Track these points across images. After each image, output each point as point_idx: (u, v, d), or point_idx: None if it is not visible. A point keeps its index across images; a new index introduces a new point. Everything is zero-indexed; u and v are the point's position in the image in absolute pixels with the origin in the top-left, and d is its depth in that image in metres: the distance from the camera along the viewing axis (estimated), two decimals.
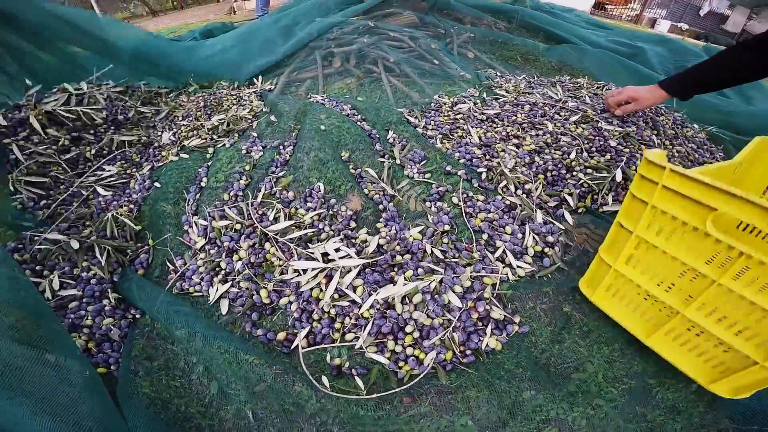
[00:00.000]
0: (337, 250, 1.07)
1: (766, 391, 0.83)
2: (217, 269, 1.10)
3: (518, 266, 1.05)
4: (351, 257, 1.05)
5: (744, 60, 1.19)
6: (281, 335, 0.97)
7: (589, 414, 0.87)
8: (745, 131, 2.04)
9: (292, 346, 0.95)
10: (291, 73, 1.98)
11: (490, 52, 2.54)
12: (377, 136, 1.50)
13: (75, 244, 1.08)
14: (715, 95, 2.27)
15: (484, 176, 1.29)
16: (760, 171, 1.14)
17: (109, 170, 1.44)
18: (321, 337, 0.97)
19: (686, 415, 0.88)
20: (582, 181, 1.29)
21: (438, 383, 0.91)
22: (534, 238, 1.11)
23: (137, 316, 1.02)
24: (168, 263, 1.12)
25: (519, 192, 1.24)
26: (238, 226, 1.15)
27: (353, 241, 1.12)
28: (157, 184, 1.33)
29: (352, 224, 1.16)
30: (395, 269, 1.06)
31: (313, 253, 1.07)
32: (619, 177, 1.28)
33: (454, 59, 2.25)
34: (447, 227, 1.13)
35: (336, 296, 1.00)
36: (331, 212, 1.19)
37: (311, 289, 1.02)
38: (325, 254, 1.07)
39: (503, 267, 1.05)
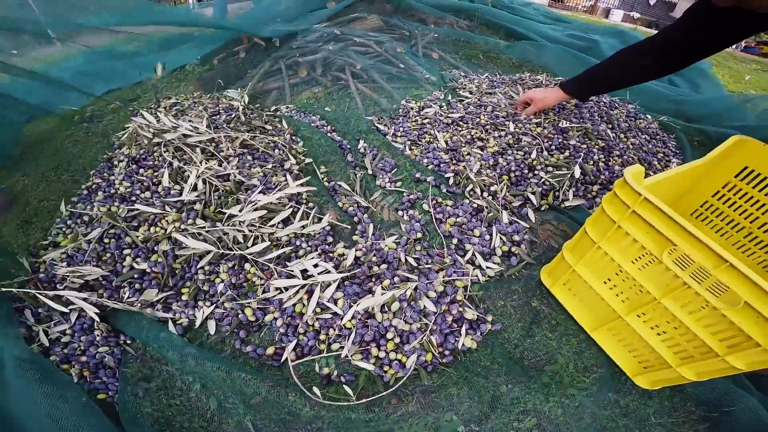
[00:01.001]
0: (316, 265, 1.11)
1: (721, 380, 0.95)
2: (199, 292, 1.12)
3: (487, 267, 1.12)
4: (329, 272, 1.09)
5: (631, 64, 1.29)
6: (270, 350, 1.01)
7: (565, 403, 0.94)
8: (695, 119, 2.17)
9: (282, 360, 0.99)
10: (256, 84, 1.98)
11: (454, 52, 2.60)
12: (348, 146, 1.53)
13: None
14: (666, 86, 2.41)
15: (451, 181, 1.35)
16: (726, 168, 1.23)
17: None
18: (308, 349, 1.01)
19: (657, 399, 0.96)
20: (544, 179, 1.36)
21: (422, 383, 0.97)
22: (501, 238, 1.18)
23: (128, 341, 1.03)
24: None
25: (485, 194, 1.31)
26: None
27: (331, 255, 1.15)
28: None
29: (329, 239, 1.19)
30: (373, 279, 1.10)
31: (292, 271, 1.10)
32: (577, 173, 1.37)
33: (419, 61, 2.29)
34: (419, 234, 1.18)
35: (318, 310, 1.04)
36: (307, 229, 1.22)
37: (294, 304, 1.05)
38: (304, 270, 1.11)
39: (473, 269, 1.11)
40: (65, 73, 2.04)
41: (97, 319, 1.01)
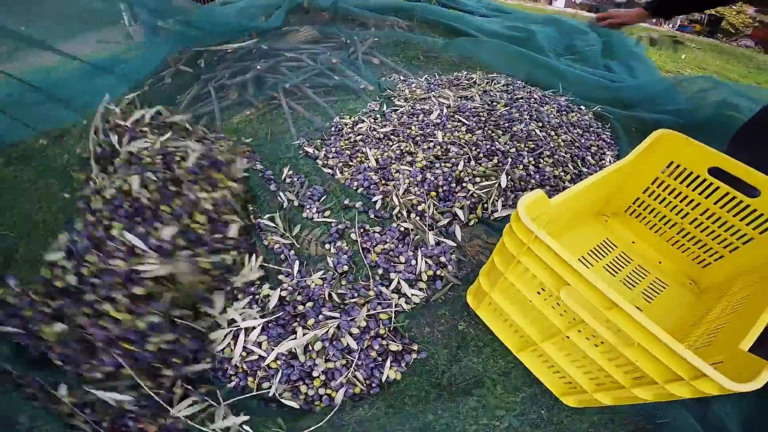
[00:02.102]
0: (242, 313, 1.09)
1: None
2: None
3: (413, 294, 1.12)
4: (254, 318, 1.08)
5: None
6: (203, 389, 1.00)
7: (494, 425, 0.95)
8: (632, 104, 2.21)
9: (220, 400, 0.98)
10: (184, 111, 1.90)
11: (395, 55, 2.56)
12: (273, 177, 1.48)
13: None
14: (602, 72, 2.44)
15: (378, 205, 1.33)
16: (652, 163, 1.24)
17: None
18: (241, 390, 1.02)
19: (591, 414, 0.98)
20: (472, 191, 1.36)
21: (359, 414, 0.97)
22: (426, 262, 1.17)
23: None
24: None
25: (412, 215, 1.30)
26: None
27: (257, 297, 1.14)
28: None
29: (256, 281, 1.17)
30: (298, 319, 1.09)
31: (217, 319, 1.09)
32: (504, 183, 1.37)
33: (358, 70, 2.25)
34: (346, 267, 1.17)
35: (244, 354, 1.05)
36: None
37: (222, 349, 1.06)
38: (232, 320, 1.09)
39: (399, 298, 1.11)
40: None
41: None
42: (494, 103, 1.79)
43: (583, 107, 2.04)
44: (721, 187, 1.14)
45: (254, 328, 1.07)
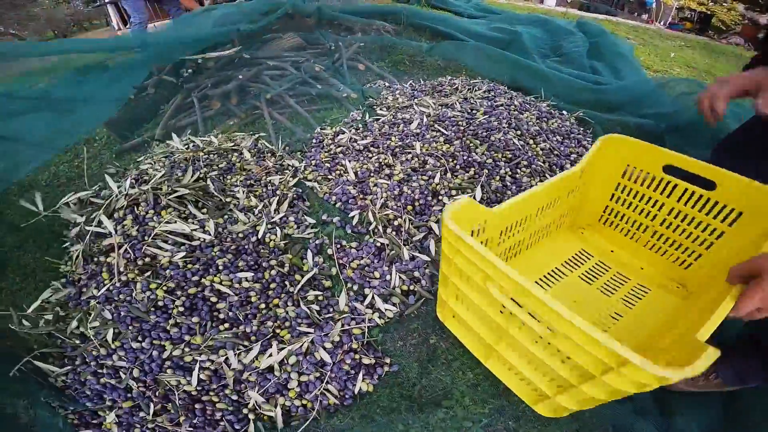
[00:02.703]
0: None
1: (618, 406, 1.00)
2: None
3: (386, 309, 1.14)
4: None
5: None
6: None
7: None
8: (617, 106, 2.21)
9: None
10: (168, 121, 1.92)
11: (381, 60, 2.57)
12: None
13: None
14: (588, 74, 2.44)
15: (356, 220, 1.36)
16: (610, 170, 1.25)
17: None
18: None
19: (555, 426, 1.00)
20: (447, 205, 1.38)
21: (333, 423, 1.01)
22: (401, 277, 1.20)
23: None
24: None
25: (388, 230, 1.32)
26: None
27: None
28: None
29: None
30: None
31: None
32: (478, 196, 1.39)
33: (342, 77, 2.26)
34: (326, 283, 1.20)
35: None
36: None
37: None
38: None
39: (372, 313, 1.14)
40: None
41: None
42: (474, 111, 1.80)
43: (565, 112, 2.05)
44: (680, 184, 1.14)
45: None
